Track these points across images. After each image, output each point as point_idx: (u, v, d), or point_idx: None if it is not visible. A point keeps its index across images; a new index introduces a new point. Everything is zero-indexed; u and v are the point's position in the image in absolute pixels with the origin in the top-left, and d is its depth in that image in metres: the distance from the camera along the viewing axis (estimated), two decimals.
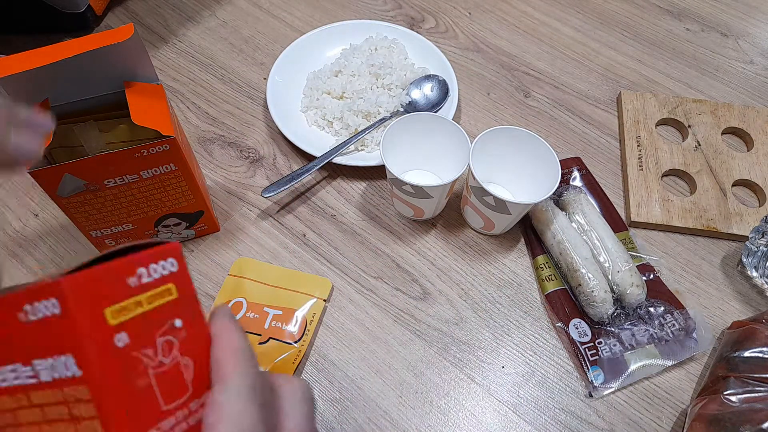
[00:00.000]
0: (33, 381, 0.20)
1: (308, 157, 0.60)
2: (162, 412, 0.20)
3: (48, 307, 0.19)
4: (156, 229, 0.51)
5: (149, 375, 0.20)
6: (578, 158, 0.61)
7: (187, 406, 0.22)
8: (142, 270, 0.21)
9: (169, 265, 0.22)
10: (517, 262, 0.55)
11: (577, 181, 0.59)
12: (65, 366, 0.19)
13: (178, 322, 0.22)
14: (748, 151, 0.63)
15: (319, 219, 0.57)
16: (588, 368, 0.48)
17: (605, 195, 0.58)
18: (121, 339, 0.20)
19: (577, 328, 0.50)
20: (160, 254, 0.22)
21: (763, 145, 0.62)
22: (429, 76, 0.63)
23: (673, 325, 0.50)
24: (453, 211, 0.58)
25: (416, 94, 0.62)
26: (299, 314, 0.50)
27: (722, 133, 0.63)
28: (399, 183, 0.50)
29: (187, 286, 0.23)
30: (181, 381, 0.22)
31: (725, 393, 0.43)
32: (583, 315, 0.50)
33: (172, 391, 0.21)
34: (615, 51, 0.73)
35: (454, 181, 0.51)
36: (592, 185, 0.59)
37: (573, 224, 0.53)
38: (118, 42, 0.39)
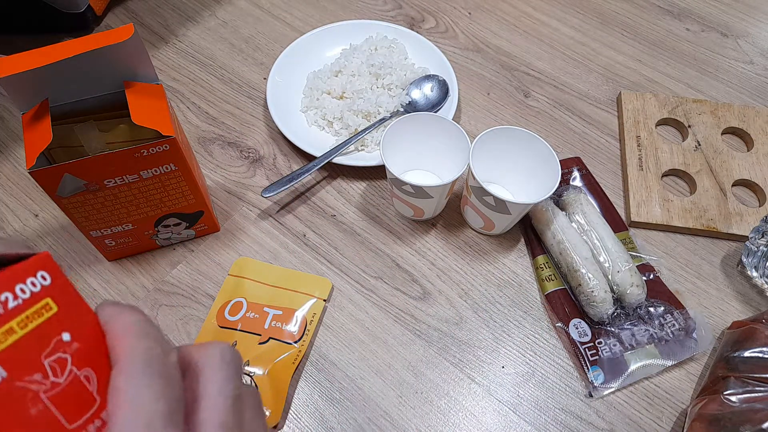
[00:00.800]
0: None
1: (308, 157, 0.60)
2: None
3: None
4: (156, 228, 0.51)
5: (42, 400, 0.19)
6: (578, 158, 0.61)
7: (99, 416, 0.21)
8: (6, 294, 0.19)
9: (41, 280, 0.20)
10: (517, 262, 0.55)
11: (577, 181, 0.59)
12: None
13: (66, 336, 0.20)
14: (748, 151, 0.63)
15: (319, 219, 0.57)
16: (588, 368, 0.48)
17: (605, 195, 0.58)
18: None
19: (577, 328, 0.50)
20: (25, 271, 0.20)
21: (763, 145, 0.62)
22: (429, 76, 0.63)
23: (673, 325, 0.50)
24: (453, 211, 0.58)
25: (416, 94, 0.62)
26: (299, 314, 0.50)
27: (722, 133, 0.63)
28: (399, 183, 0.50)
29: (68, 295, 0.21)
30: (85, 394, 0.21)
31: (725, 393, 0.43)
32: (583, 315, 0.50)
33: (76, 408, 0.20)
34: (615, 51, 0.73)
35: (454, 181, 0.51)
36: (592, 185, 0.59)
37: (573, 224, 0.53)
38: (118, 42, 0.39)
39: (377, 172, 0.60)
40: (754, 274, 0.53)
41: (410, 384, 0.48)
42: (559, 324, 0.50)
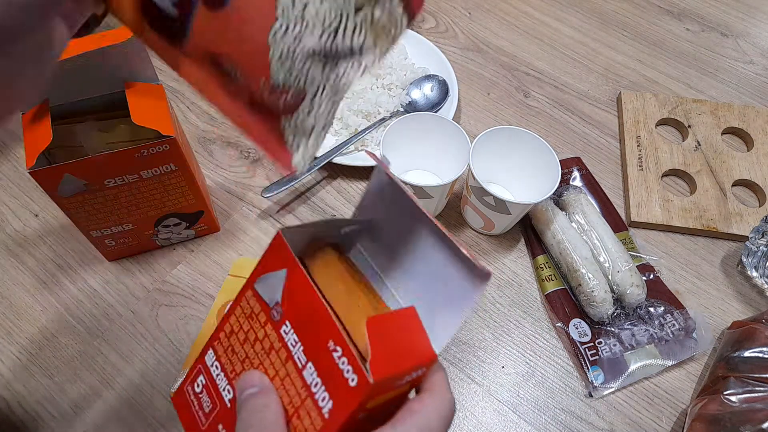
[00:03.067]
0: None
1: None
2: None
3: None
4: (156, 228, 0.51)
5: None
6: (578, 158, 0.61)
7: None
8: (407, 377, 0.25)
9: (420, 372, 0.25)
10: (517, 262, 0.55)
11: (577, 181, 0.59)
12: None
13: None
14: (748, 151, 0.63)
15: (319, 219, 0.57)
16: (588, 368, 0.48)
17: (605, 195, 0.58)
18: (363, 416, 0.24)
19: (577, 328, 0.50)
20: (419, 367, 0.25)
21: (763, 145, 0.62)
22: (429, 76, 0.63)
23: (673, 325, 0.50)
24: (453, 211, 0.58)
25: (416, 94, 0.62)
26: None
27: (722, 133, 0.63)
28: None
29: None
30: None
31: (725, 393, 0.43)
32: (583, 315, 0.50)
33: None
34: (615, 51, 0.73)
35: (454, 181, 0.51)
36: (592, 185, 0.59)
37: (573, 224, 0.53)
38: (118, 42, 0.39)
39: None
40: (754, 274, 0.53)
41: None
42: (559, 324, 0.50)
